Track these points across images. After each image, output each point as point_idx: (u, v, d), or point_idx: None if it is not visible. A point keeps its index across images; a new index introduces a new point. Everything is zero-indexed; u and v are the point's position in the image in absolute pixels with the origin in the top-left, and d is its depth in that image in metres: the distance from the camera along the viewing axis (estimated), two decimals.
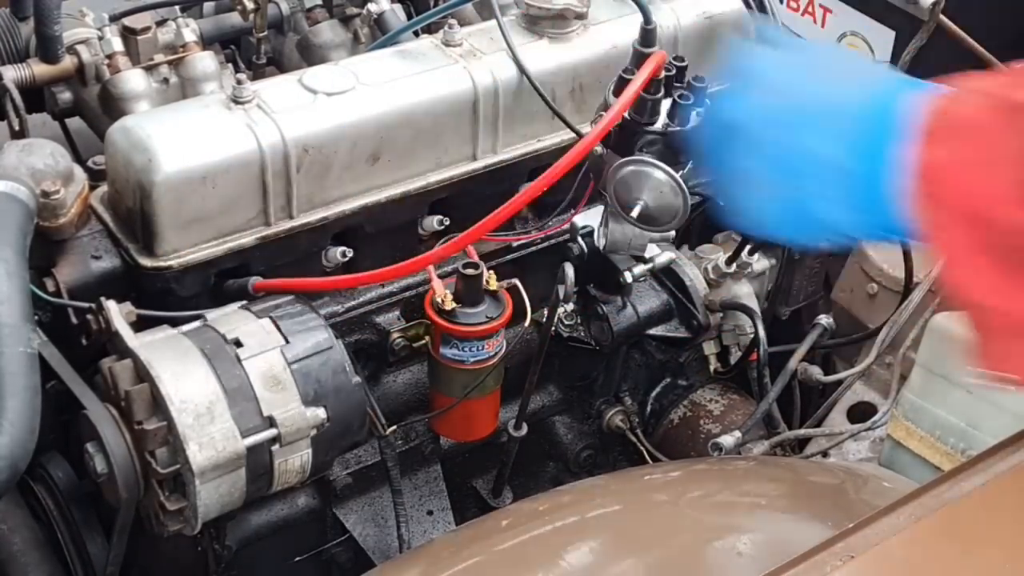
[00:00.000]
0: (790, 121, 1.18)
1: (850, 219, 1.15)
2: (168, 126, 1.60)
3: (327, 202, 1.69)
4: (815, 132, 1.15)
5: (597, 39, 1.86)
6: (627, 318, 1.88)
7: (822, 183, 1.14)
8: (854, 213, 1.14)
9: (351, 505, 1.88)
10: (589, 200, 1.81)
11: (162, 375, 1.41)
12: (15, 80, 1.83)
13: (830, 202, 1.14)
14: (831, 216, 1.15)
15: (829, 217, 1.15)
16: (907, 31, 2.03)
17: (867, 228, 1.16)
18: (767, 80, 1.23)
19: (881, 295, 2.14)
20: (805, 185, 1.16)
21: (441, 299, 1.66)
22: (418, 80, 1.73)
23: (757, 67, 1.25)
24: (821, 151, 1.14)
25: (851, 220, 1.15)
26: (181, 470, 1.42)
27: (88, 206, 1.64)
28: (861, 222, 1.15)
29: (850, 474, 1.57)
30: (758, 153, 1.19)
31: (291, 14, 2.08)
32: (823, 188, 1.14)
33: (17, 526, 1.61)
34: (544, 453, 2.10)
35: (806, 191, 1.16)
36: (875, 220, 1.13)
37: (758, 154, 1.19)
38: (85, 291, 1.58)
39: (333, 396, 1.50)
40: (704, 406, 2.09)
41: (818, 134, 1.15)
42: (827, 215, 1.15)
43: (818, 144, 1.15)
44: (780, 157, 1.18)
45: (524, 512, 1.50)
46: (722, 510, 1.41)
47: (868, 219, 1.14)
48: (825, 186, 1.14)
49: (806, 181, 1.16)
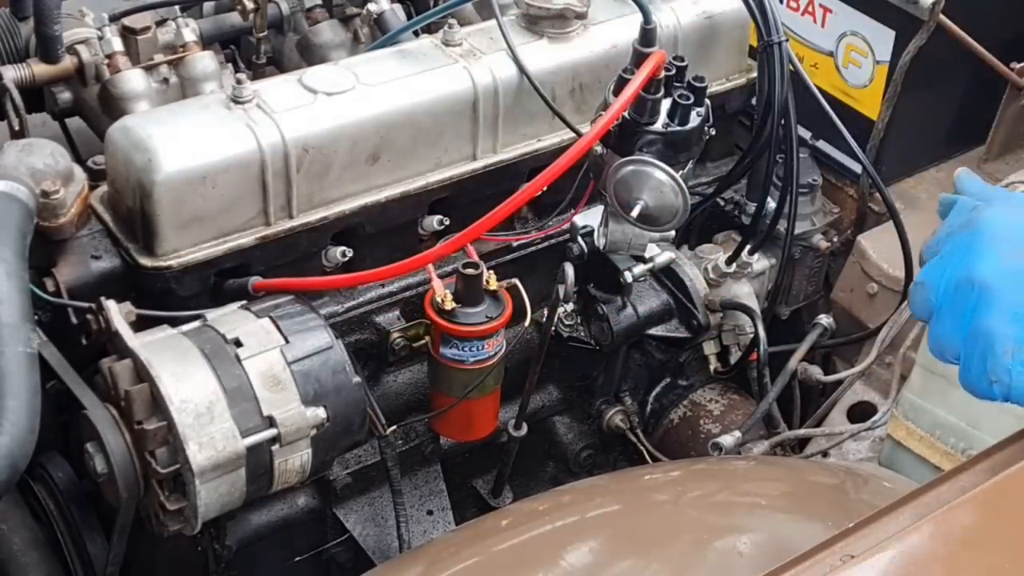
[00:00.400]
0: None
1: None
2: (168, 126, 1.60)
3: (327, 202, 1.69)
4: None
5: (597, 39, 1.86)
6: (627, 318, 1.88)
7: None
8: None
9: (351, 505, 1.88)
10: (589, 200, 1.81)
11: (162, 375, 1.41)
12: (15, 80, 1.83)
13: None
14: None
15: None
16: (907, 31, 2.02)
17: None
18: (1010, 234, 1.16)
19: (881, 295, 2.14)
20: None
21: (441, 299, 1.66)
22: (418, 80, 1.73)
23: (994, 220, 1.18)
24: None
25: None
26: (181, 470, 1.42)
27: (88, 206, 1.64)
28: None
29: (850, 474, 1.57)
30: (1007, 312, 1.12)
31: (291, 14, 2.08)
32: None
33: (17, 526, 1.61)
34: (544, 453, 2.10)
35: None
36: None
37: (1007, 313, 1.12)
38: (85, 291, 1.58)
39: (333, 396, 1.50)
40: (704, 406, 2.09)
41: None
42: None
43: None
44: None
45: (524, 512, 1.50)
46: (722, 510, 1.41)
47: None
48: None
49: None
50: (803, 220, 2.11)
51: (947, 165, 2.32)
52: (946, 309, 1.18)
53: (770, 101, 1.83)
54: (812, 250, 2.18)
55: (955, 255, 1.19)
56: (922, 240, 2.03)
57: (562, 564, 1.29)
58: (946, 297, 1.18)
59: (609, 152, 1.67)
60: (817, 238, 2.17)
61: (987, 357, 1.13)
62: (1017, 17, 2.17)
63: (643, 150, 1.66)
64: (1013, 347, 1.11)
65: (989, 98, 2.23)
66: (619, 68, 1.68)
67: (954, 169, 2.29)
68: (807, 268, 2.21)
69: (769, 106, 1.84)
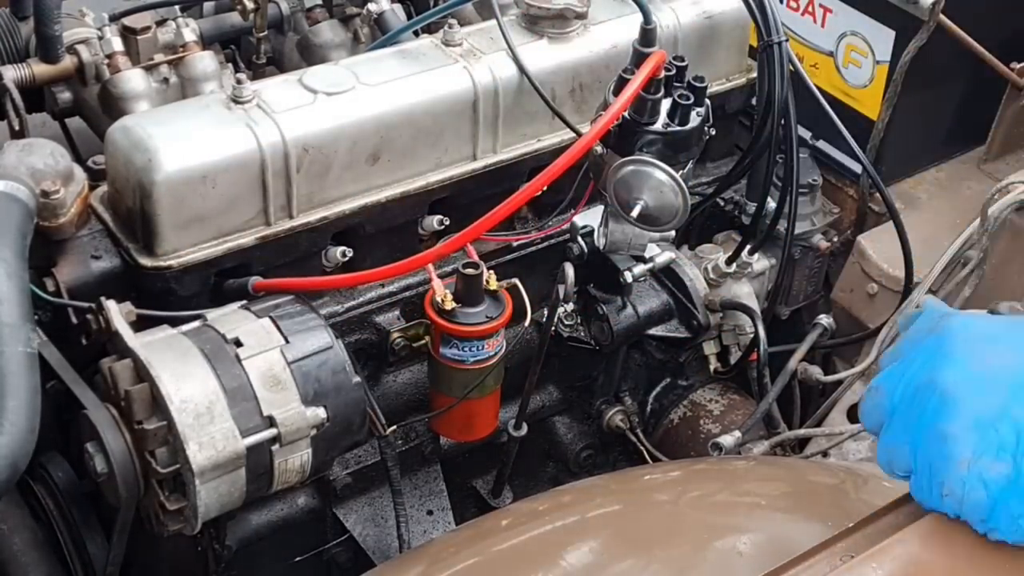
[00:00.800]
0: (1009, 385, 1.04)
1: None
2: (168, 126, 1.60)
3: (327, 202, 1.69)
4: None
5: (597, 39, 1.86)
6: (627, 318, 1.88)
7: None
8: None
9: (351, 505, 1.88)
10: (589, 200, 1.81)
11: (162, 375, 1.41)
12: (15, 80, 1.83)
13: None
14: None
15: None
16: (907, 31, 2.02)
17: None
18: (978, 339, 1.09)
19: (881, 295, 2.14)
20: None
21: (441, 299, 1.66)
22: (418, 80, 1.73)
23: (963, 325, 1.11)
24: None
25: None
26: (181, 470, 1.42)
27: (88, 206, 1.64)
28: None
29: (850, 474, 1.57)
30: (969, 418, 1.03)
31: (291, 14, 2.08)
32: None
33: (17, 526, 1.61)
34: (544, 453, 2.10)
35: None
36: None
37: (969, 419, 1.03)
38: (85, 291, 1.58)
39: (333, 396, 1.50)
40: (704, 406, 2.09)
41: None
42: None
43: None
44: (993, 426, 1.02)
45: (524, 512, 1.50)
46: (722, 510, 1.41)
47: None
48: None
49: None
50: (803, 220, 2.11)
51: (947, 165, 2.32)
52: (900, 415, 1.09)
53: (770, 101, 1.83)
54: (812, 250, 2.18)
55: (918, 360, 1.10)
56: (922, 240, 2.05)
57: (562, 564, 1.29)
58: (903, 402, 1.09)
59: (609, 152, 1.67)
60: (817, 238, 2.17)
61: (942, 467, 1.03)
62: (1017, 17, 2.17)
63: (643, 150, 1.66)
64: (971, 457, 1.02)
65: (989, 98, 2.23)
66: (619, 68, 1.68)
67: (954, 169, 2.32)
68: (807, 268, 2.21)
69: (769, 106, 1.84)
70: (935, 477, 1.04)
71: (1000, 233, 1.93)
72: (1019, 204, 1.91)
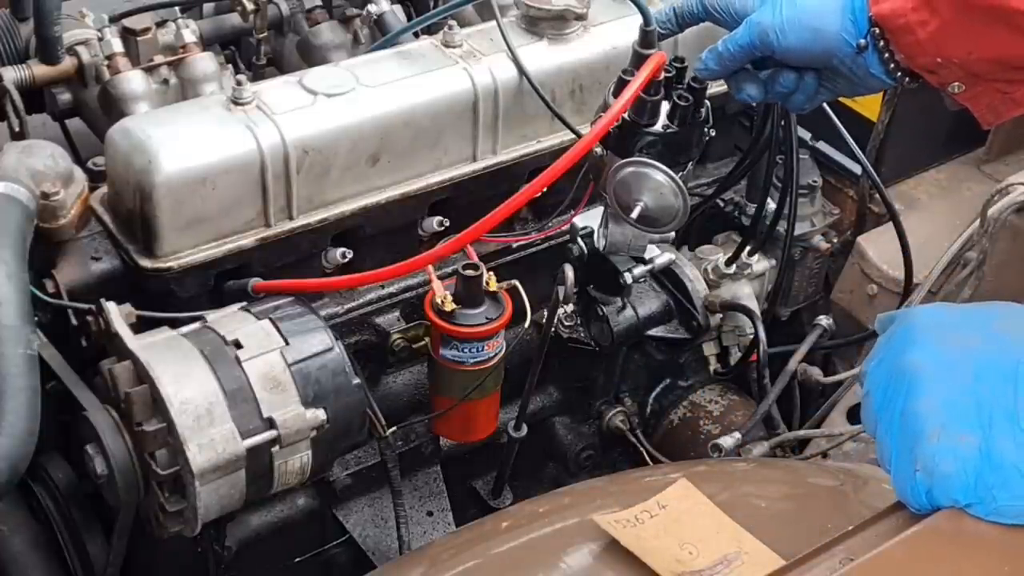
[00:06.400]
0: (975, 366, 1.07)
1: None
2: (168, 127, 1.60)
3: (327, 203, 1.69)
4: (1008, 380, 1.05)
5: (597, 40, 1.86)
6: (627, 319, 1.88)
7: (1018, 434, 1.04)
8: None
9: (351, 506, 1.88)
10: (589, 201, 1.81)
11: (162, 377, 1.41)
12: (15, 81, 1.83)
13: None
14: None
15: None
16: None
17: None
18: (938, 329, 1.13)
19: (881, 296, 2.14)
20: (994, 435, 1.04)
21: (441, 300, 1.66)
22: (418, 81, 1.73)
23: (927, 313, 1.16)
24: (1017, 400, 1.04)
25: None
26: (181, 471, 1.42)
27: (88, 207, 1.64)
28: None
29: (850, 475, 1.57)
30: (934, 398, 1.07)
31: (291, 15, 2.08)
32: (1018, 438, 1.04)
33: (17, 527, 1.61)
34: (544, 454, 2.10)
35: (994, 441, 1.04)
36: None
37: (934, 399, 1.07)
38: (85, 292, 1.58)
39: (333, 397, 1.50)
40: (704, 407, 2.09)
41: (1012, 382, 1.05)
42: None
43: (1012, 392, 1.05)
44: (961, 403, 1.06)
45: (524, 513, 1.49)
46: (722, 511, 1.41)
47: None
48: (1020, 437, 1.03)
49: (996, 431, 1.04)
50: (803, 221, 2.12)
51: (947, 166, 2.33)
52: (881, 407, 1.12)
53: (770, 102, 1.83)
54: (812, 251, 2.18)
55: (890, 352, 1.14)
56: (922, 241, 2.05)
57: (562, 566, 1.29)
58: (882, 395, 1.12)
59: (609, 153, 1.67)
60: (817, 239, 2.17)
61: (913, 443, 1.07)
62: None
63: (643, 151, 1.66)
64: (940, 430, 1.05)
65: None
66: (619, 69, 1.68)
67: (954, 170, 2.32)
68: (807, 269, 2.21)
69: (769, 107, 1.84)
70: (908, 455, 1.07)
71: (1000, 234, 1.94)
72: (1019, 205, 1.91)
